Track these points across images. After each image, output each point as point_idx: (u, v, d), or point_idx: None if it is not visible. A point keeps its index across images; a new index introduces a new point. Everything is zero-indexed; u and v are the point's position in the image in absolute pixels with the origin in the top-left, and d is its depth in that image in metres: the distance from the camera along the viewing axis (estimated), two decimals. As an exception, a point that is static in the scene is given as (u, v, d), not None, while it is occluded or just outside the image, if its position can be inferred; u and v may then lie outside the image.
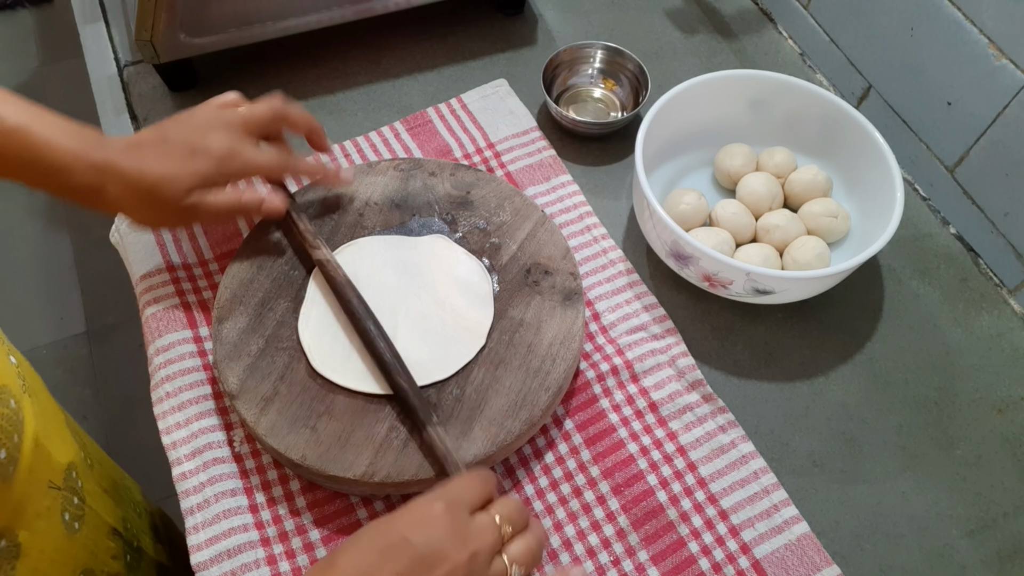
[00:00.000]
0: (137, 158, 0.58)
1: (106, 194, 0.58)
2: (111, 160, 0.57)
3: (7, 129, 0.54)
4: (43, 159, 0.55)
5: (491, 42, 0.87)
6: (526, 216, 0.68)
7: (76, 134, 0.57)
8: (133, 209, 0.59)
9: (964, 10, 0.68)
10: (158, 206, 0.59)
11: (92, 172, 0.57)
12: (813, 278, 0.63)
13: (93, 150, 0.57)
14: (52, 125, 0.56)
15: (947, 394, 0.67)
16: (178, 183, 0.58)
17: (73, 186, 0.57)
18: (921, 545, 0.60)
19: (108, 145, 0.58)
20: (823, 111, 0.72)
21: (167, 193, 0.58)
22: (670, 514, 0.59)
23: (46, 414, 0.62)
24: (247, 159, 0.61)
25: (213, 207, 0.60)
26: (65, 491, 0.60)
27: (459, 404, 0.59)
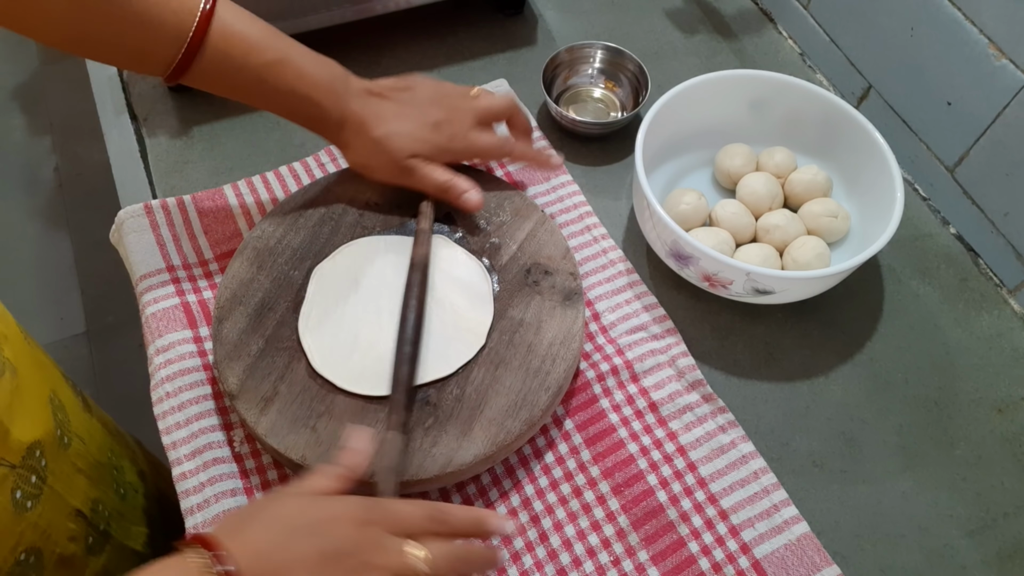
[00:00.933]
0: (375, 109, 0.63)
1: (342, 132, 0.64)
2: (352, 102, 0.62)
3: (269, 61, 0.60)
4: (296, 90, 0.61)
5: (491, 42, 0.87)
6: (526, 216, 0.68)
7: (325, 68, 0.62)
8: (358, 153, 0.65)
9: (964, 10, 0.68)
10: (380, 156, 0.64)
11: (336, 108, 0.62)
12: (813, 278, 0.63)
13: (339, 87, 0.62)
14: (306, 58, 0.62)
15: (947, 394, 0.67)
16: (405, 145, 0.63)
17: (320, 118, 0.63)
18: (921, 545, 0.60)
19: (350, 84, 0.63)
20: (823, 111, 0.72)
21: (392, 149, 0.63)
22: (670, 514, 0.59)
23: (21, 391, 0.61)
24: (471, 142, 0.66)
25: (427, 177, 0.64)
26: (21, 469, 0.60)
27: (459, 404, 0.59)
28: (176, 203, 0.72)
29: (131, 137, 0.78)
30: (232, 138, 0.79)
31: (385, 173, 0.65)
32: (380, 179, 0.67)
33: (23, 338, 0.66)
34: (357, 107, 0.63)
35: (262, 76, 0.60)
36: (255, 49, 0.59)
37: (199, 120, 0.80)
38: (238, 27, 0.59)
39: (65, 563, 0.65)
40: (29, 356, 0.66)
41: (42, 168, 1.89)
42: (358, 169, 0.67)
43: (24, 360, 0.64)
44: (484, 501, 0.59)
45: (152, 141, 0.78)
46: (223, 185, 0.73)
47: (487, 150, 0.67)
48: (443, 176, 0.65)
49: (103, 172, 0.80)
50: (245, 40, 0.59)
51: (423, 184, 0.65)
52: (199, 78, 0.59)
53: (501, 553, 0.52)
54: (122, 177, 0.76)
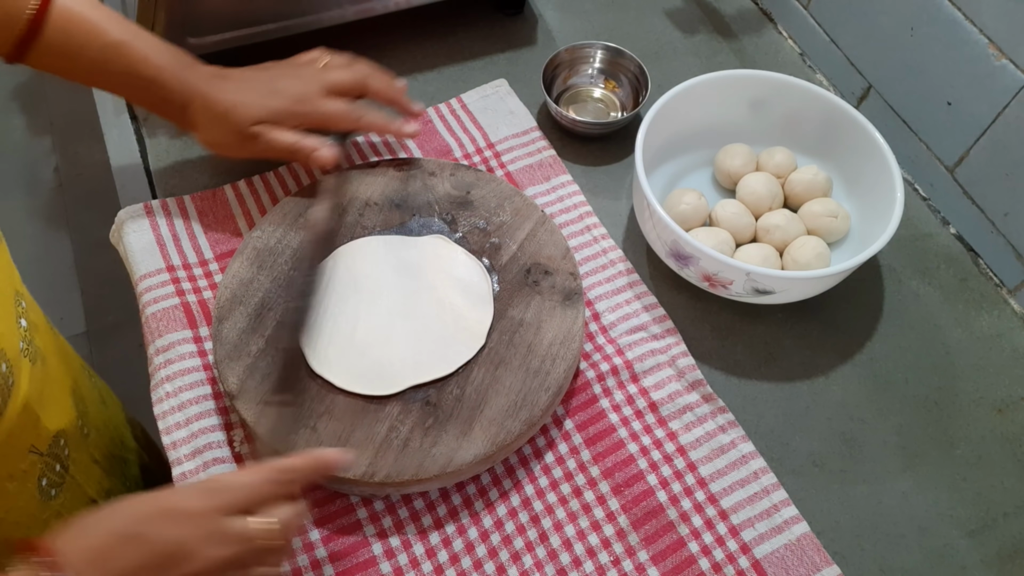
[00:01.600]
0: (220, 85, 0.64)
1: (189, 111, 0.64)
2: (198, 82, 0.64)
3: (112, 43, 0.61)
4: (139, 72, 0.62)
5: (491, 42, 0.87)
6: (526, 216, 0.68)
7: (169, 52, 0.63)
8: (206, 129, 0.65)
9: (964, 10, 0.68)
10: (226, 129, 0.64)
11: (180, 89, 0.63)
12: (813, 278, 0.63)
13: (184, 69, 0.64)
14: (149, 42, 0.63)
15: (947, 394, 0.67)
16: (248, 111, 0.64)
17: (164, 99, 0.63)
18: (921, 545, 0.60)
19: (196, 68, 0.64)
20: (823, 111, 0.72)
21: (236, 118, 0.64)
22: (670, 514, 0.59)
23: (49, 380, 0.62)
24: (317, 106, 0.66)
25: (274, 141, 0.65)
26: (48, 457, 0.60)
27: (459, 404, 0.59)
28: (176, 203, 0.72)
29: (131, 137, 0.78)
30: (232, 138, 0.79)
31: (234, 146, 0.66)
32: (231, 154, 0.67)
33: (50, 328, 0.67)
34: (202, 86, 0.64)
35: (104, 58, 0.61)
36: (96, 31, 0.60)
37: (199, 120, 0.80)
38: (79, 9, 0.60)
39: None
40: (55, 346, 0.67)
41: (42, 168, 1.89)
42: (210, 147, 0.67)
43: (51, 350, 0.65)
44: (484, 501, 0.59)
45: (152, 141, 0.78)
46: (223, 185, 0.73)
47: (334, 115, 0.66)
48: (289, 138, 0.65)
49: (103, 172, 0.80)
50: (86, 22, 0.60)
51: (271, 149, 0.65)
52: (41, 59, 0.60)
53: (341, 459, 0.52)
54: (122, 177, 0.76)
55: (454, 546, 0.58)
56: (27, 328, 0.60)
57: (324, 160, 0.66)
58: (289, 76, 0.66)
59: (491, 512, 0.59)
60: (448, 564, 0.57)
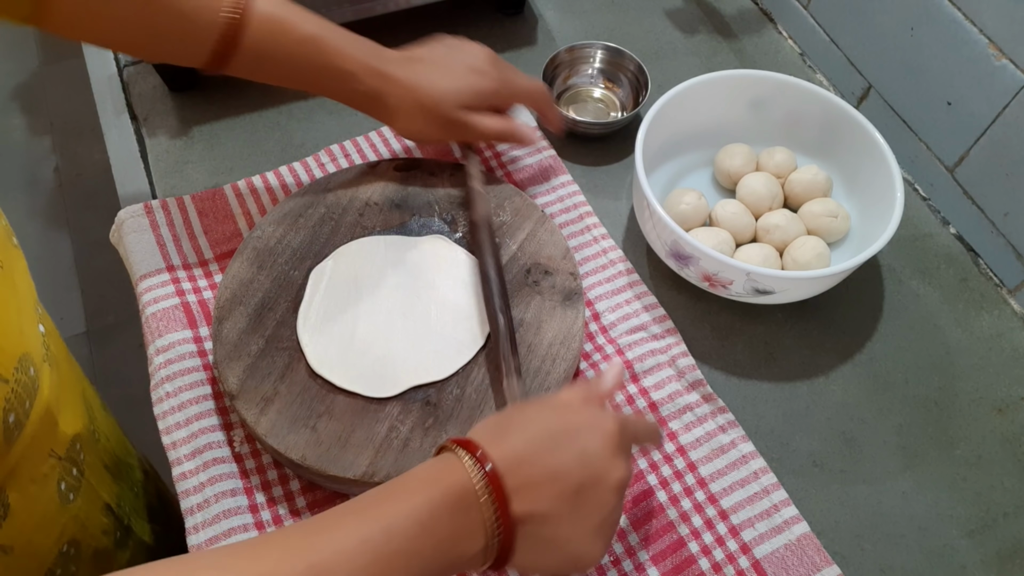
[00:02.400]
0: (418, 70, 0.63)
1: (386, 102, 0.63)
2: (392, 71, 0.62)
3: (303, 37, 0.60)
4: (335, 66, 0.61)
5: (491, 42, 0.86)
6: (526, 216, 0.68)
7: (361, 43, 0.63)
8: (408, 118, 0.64)
9: (964, 10, 0.68)
10: (432, 117, 0.64)
11: (377, 80, 0.62)
12: (813, 278, 0.63)
13: (377, 60, 0.62)
14: (341, 35, 0.62)
15: (947, 394, 0.67)
16: (455, 97, 0.63)
17: (360, 92, 0.63)
18: (921, 545, 0.60)
19: (387, 56, 0.63)
20: (823, 111, 0.72)
21: (444, 106, 0.63)
22: (670, 514, 0.59)
23: (63, 385, 0.62)
24: (517, 83, 0.67)
25: (483, 126, 0.65)
26: (66, 461, 0.61)
27: (459, 404, 0.59)
28: (176, 203, 0.72)
29: (131, 137, 0.78)
30: (232, 138, 0.79)
31: (438, 132, 0.66)
32: (434, 139, 0.68)
33: (57, 334, 0.67)
34: (399, 74, 0.63)
35: (299, 55, 0.60)
36: (290, 28, 0.60)
37: (199, 120, 0.80)
38: (272, 13, 0.59)
39: (99, 556, 0.66)
40: (65, 351, 0.67)
41: (42, 168, 1.89)
42: (409, 136, 0.67)
43: (62, 355, 0.65)
44: (484, 501, 0.59)
45: (152, 141, 0.78)
46: (223, 185, 0.73)
47: (530, 92, 0.68)
48: (498, 123, 0.66)
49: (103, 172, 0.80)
50: (279, 22, 0.59)
51: (479, 134, 0.66)
52: (239, 67, 0.60)
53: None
54: (122, 177, 0.76)
55: (454, 546, 0.58)
56: (44, 333, 0.61)
57: (535, 137, 0.69)
58: (481, 58, 0.66)
59: (491, 512, 0.59)
60: (448, 564, 0.57)
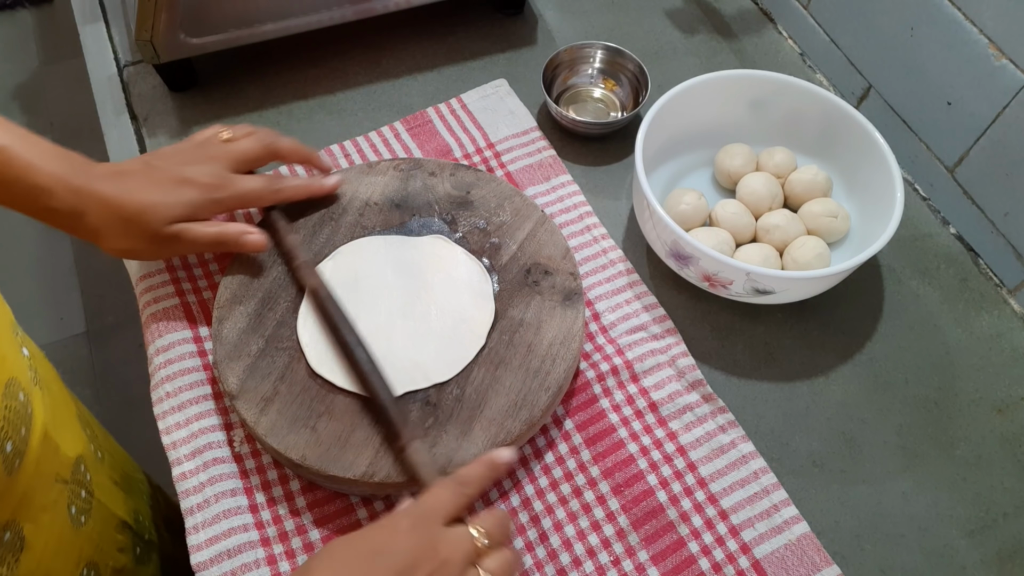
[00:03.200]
0: (121, 184, 0.57)
1: (87, 219, 0.57)
2: (93, 185, 0.56)
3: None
4: (24, 180, 0.55)
5: (491, 42, 0.87)
6: (526, 216, 0.68)
7: (59, 157, 0.57)
8: (112, 237, 0.58)
9: (964, 10, 0.68)
10: (139, 234, 0.58)
11: (73, 196, 0.56)
12: (813, 278, 0.63)
13: (75, 174, 0.56)
14: (35, 147, 0.56)
15: (947, 394, 0.67)
16: (163, 211, 0.58)
17: (53, 209, 0.56)
18: (921, 545, 0.60)
19: (92, 171, 0.57)
20: (823, 111, 0.72)
21: (151, 221, 0.58)
22: (670, 514, 0.59)
23: (57, 407, 0.62)
24: (235, 188, 0.61)
25: (195, 237, 0.60)
26: (72, 484, 0.60)
27: (459, 404, 0.59)
28: (176, 203, 0.72)
29: (131, 137, 0.78)
30: (232, 138, 0.79)
31: (149, 250, 0.60)
32: (147, 258, 0.63)
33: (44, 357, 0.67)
34: (100, 189, 0.57)
35: None
36: None
37: (199, 120, 0.80)
38: None
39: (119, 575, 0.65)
40: (52, 373, 0.66)
41: (42, 168, 1.89)
42: (118, 255, 0.61)
43: (51, 377, 0.65)
44: (484, 501, 0.59)
45: (152, 141, 0.78)
46: (223, 185, 0.73)
47: (254, 194, 0.62)
48: (211, 230, 0.60)
49: (103, 172, 0.80)
50: None
51: (195, 247, 0.61)
52: None
53: None
54: (122, 177, 0.76)
55: (454, 546, 0.58)
56: (29, 357, 0.60)
57: (254, 244, 0.62)
58: (194, 160, 0.61)
59: (491, 512, 0.59)
60: (448, 564, 0.57)
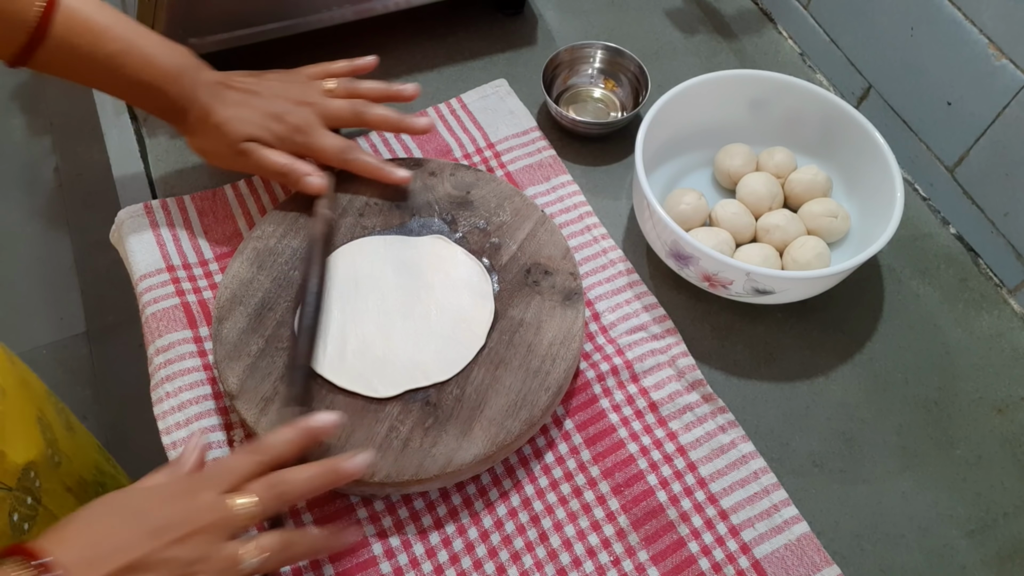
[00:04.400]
0: (220, 95, 0.64)
1: (188, 119, 0.64)
2: (197, 90, 0.63)
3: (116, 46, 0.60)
4: (143, 78, 0.62)
5: (491, 42, 0.87)
6: (526, 216, 0.68)
7: (174, 56, 0.63)
8: (199, 137, 0.66)
9: (964, 10, 0.68)
10: (219, 139, 0.64)
11: (181, 96, 0.63)
12: (813, 278, 0.63)
13: (185, 76, 0.63)
14: (154, 45, 0.62)
15: (947, 394, 0.67)
16: (242, 127, 0.64)
17: (165, 105, 0.64)
18: (921, 545, 0.60)
19: (199, 75, 0.64)
20: (823, 111, 0.72)
21: (229, 132, 0.64)
22: (670, 514, 0.59)
23: (12, 414, 0.61)
24: (313, 140, 0.66)
25: (264, 160, 0.65)
26: (17, 491, 0.60)
27: (459, 404, 0.59)
28: (176, 203, 0.72)
29: (131, 137, 0.78)
30: (232, 138, 0.79)
31: (223, 157, 0.66)
32: (218, 163, 0.67)
33: (7, 358, 0.66)
34: (203, 95, 0.63)
35: (108, 64, 0.60)
36: (101, 37, 0.60)
37: (199, 120, 0.80)
38: (83, 15, 0.59)
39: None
40: (14, 377, 0.66)
41: (42, 168, 1.89)
42: (198, 153, 0.68)
43: (10, 381, 0.64)
44: (484, 501, 0.59)
45: (152, 141, 0.78)
46: (223, 185, 0.73)
47: (326, 151, 0.66)
48: (280, 159, 0.65)
49: (103, 172, 0.80)
50: (91, 28, 0.59)
51: (260, 167, 0.65)
52: (44, 64, 0.60)
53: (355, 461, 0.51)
54: (122, 177, 0.76)
55: (454, 546, 0.58)
56: None
57: (315, 187, 0.65)
58: (290, 99, 0.66)
59: (491, 512, 0.59)
60: (448, 564, 0.57)
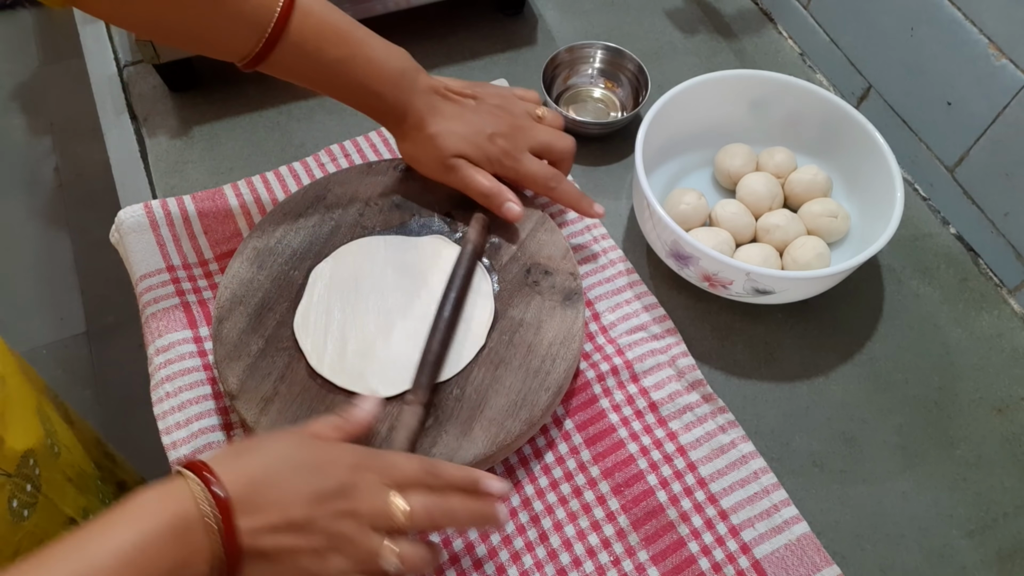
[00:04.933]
0: (436, 106, 0.64)
1: (403, 125, 0.65)
2: (415, 99, 0.64)
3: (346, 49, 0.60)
4: (367, 84, 0.62)
5: (491, 42, 0.87)
6: (526, 216, 0.68)
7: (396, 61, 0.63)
8: (411, 144, 0.66)
9: (964, 10, 0.68)
10: (430, 151, 0.65)
11: (399, 104, 0.63)
12: (813, 278, 0.63)
13: (405, 82, 0.63)
14: (379, 49, 0.62)
15: (947, 394, 0.67)
16: (455, 145, 0.64)
17: (384, 111, 0.64)
18: (921, 545, 0.60)
19: (418, 82, 0.64)
20: (823, 111, 0.72)
21: (441, 145, 0.64)
22: (670, 514, 0.59)
23: (10, 401, 0.62)
24: (521, 165, 0.66)
25: (470, 178, 0.65)
26: (17, 478, 0.60)
27: (459, 404, 0.59)
28: (176, 203, 0.72)
29: (131, 137, 0.79)
30: (232, 138, 0.79)
31: (431, 168, 0.66)
32: (426, 173, 0.68)
33: (7, 349, 0.66)
34: (420, 103, 0.64)
35: (334, 69, 0.61)
36: (330, 42, 0.60)
37: (199, 120, 0.80)
38: (315, 20, 0.59)
39: None
40: (14, 366, 0.66)
41: (42, 168, 1.89)
42: (408, 160, 0.68)
43: (10, 370, 0.64)
44: (484, 501, 0.59)
45: (152, 141, 0.78)
46: (223, 185, 0.73)
47: (534, 178, 0.66)
48: (487, 181, 0.65)
49: (103, 172, 0.80)
50: (321, 33, 0.59)
51: (465, 185, 0.65)
52: (274, 67, 0.60)
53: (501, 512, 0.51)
54: (122, 177, 0.76)
55: (454, 546, 0.58)
56: None
57: (514, 215, 0.65)
58: (506, 123, 0.66)
59: (491, 512, 0.59)
60: (448, 564, 0.57)
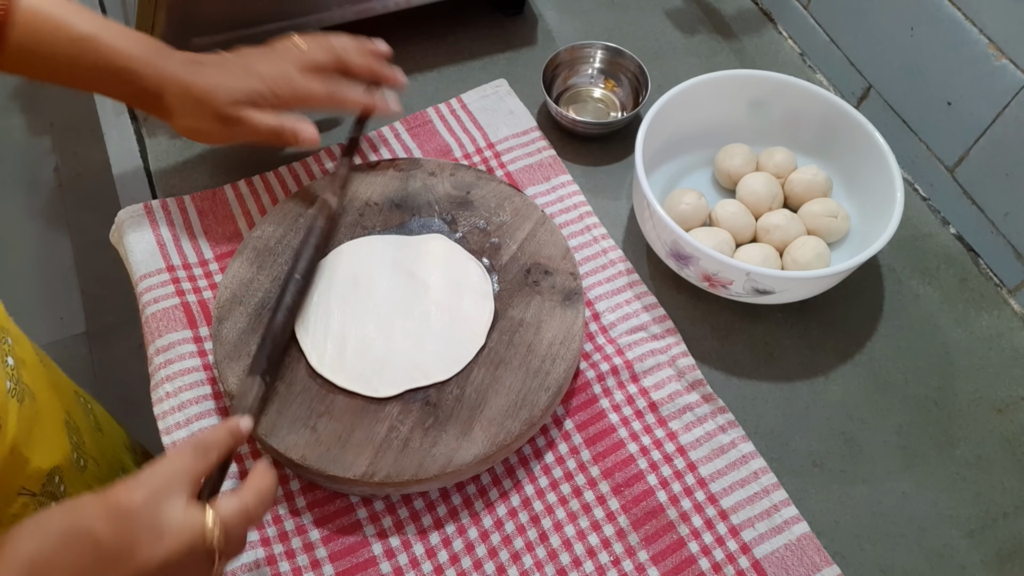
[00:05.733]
0: (195, 68, 0.63)
1: (165, 99, 0.62)
2: (171, 68, 0.62)
3: (79, 36, 0.59)
4: (113, 64, 0.60)
5: (491, 42, 0.87)
6: (526, 216, 0.68)
7: (141, 41, 0.62)
8: (184, 115, 0.63)
9: (964, 10, 0.68)
10: (206, 113, 0.62)
11: (155, 77, 0.61)
12: (813, 278, 0.63)
13: (157, 57, 0.62)
14: (119, 33, 0.61)
15: (947, 394, 0.67)
16: (227, 93, 0.62)
17: (139, 89, 0.62)
18: (921, 545, 0.60)
19: (171, 56, 0.63)
20: (823, 111, 0.72)
21: (215, 101, 0.62)
22: (670, 514, 0.59)
23: (39, 417, 0.61)
24: (296, 86, 0.64)
25: (256, 123, 0.63)
26: (41, 497, 0.60)
27: (459, 404, 0.59)
28: (176, 203, 0.72)
29: (131, 137, 0.78)
30: (232, 138, 0.79)
31: (214, 130, 0.64)
32: (212, 140, 0.66)
33: (39, 361, 0.66)
34: (180, 70, 0.62)
35: (74, 53, 0.59)
36: (63, 26, 0.59)
37: (199, 120, 0.80)
38: (44, 6, 0.58)
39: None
40: (45, 379, 0.65)
41: (42, 168, 1.89)
42: (188, 135, 0.66)
43: (41, 384, 0.64)
44: (484, 501, 0.59)
45: (152, 141, 0.78)
46: (223, 185, 0.73)
47: (313, 92, 0.65)
48: (271, 119, 0.64)
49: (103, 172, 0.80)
50: (52, 18, 0.59)
51: (254, 130, 0.64)
52: (9, 62, 0.59)
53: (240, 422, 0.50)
54: (122, 177, 0.76)
55: (454, 546, 0.58)
56: (14, 366, 0.59)
57: (308, 137, 0.64)
58: (266, 58, 0.65)
59: (491, 512, 0.59)
60: (448, 564, 0.57)
